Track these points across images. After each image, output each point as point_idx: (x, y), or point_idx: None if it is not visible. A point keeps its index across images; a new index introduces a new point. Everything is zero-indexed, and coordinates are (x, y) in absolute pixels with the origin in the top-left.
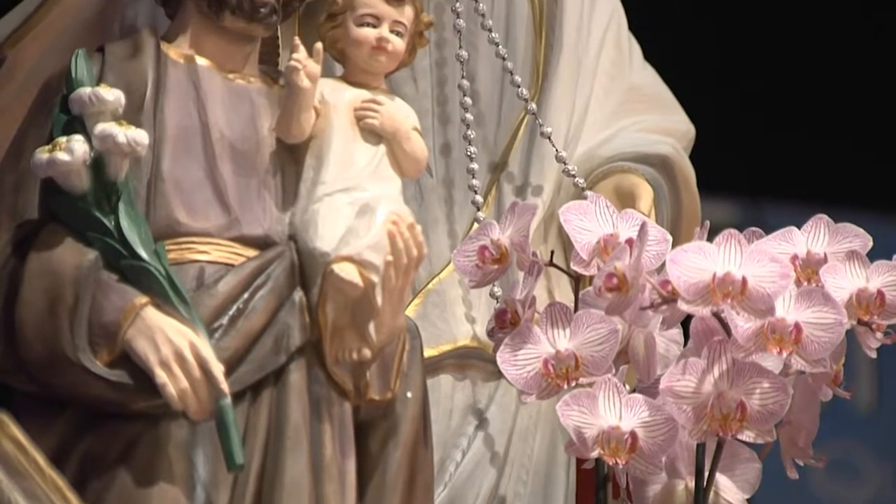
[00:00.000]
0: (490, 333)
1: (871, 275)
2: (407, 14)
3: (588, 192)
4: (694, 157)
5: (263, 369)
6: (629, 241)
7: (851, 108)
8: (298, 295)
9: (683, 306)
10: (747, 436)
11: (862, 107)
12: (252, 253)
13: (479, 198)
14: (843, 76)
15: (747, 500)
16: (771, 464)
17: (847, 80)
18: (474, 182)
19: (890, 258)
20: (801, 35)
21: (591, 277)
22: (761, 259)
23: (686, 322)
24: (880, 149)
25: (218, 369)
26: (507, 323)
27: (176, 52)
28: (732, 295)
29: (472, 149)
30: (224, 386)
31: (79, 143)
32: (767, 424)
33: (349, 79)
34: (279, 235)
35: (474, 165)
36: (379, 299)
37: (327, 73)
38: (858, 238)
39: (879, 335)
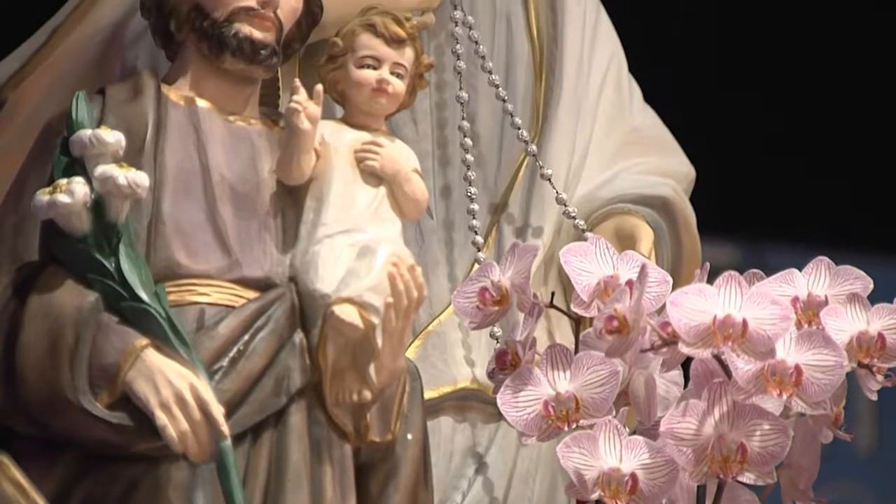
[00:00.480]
0: (490, 375)
1: (871, 318)
2: (407, 56)
3: (588, 234)
4: (694, 199)
5: (264, 411)
6: (629, 283)
7: (853, 149)
8: (299, 337)
9: (684, 348)
10: (748, 478)
11: (864, 149)
12: (252, 295)
13: (479, 239)
14: (844, 118)
15: None
16: None
17: (849, 121)
18: (474, 223)
19: (891, 301)
20: (802, 77)
21: (592, 319)
22: (762, 301)
23: (686, 364)
24: (882, 191)
25: (218, 411)
26: (507, 364)
27: (176, 94)
28: (733, 337)
29: (473, 190)
30: (224, 428)
31: (79, 185)
32: (768, 466)
33: (349, 120)
34: (280, 277)
35: (474, 207)
36: (379, 341)
37: (328, 114)
38: (859, 281)
39: (880, 378)
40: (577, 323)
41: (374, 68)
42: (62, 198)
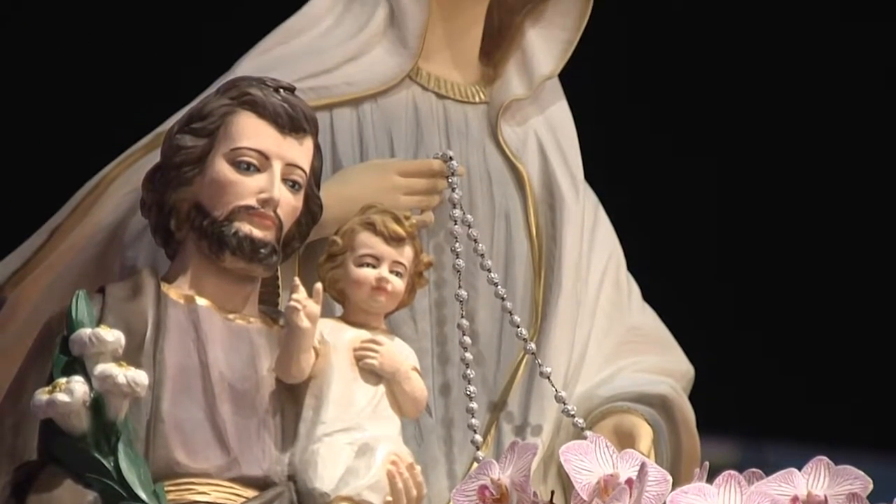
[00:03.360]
0: None
1: None
2: (406, 254)
3: (588, 432)
4: (693, 397)
5: None
6: (629, 482)
7: (852, 348)
8: None
9: None
10: None
11: (862, 348)
12: (251, 493)
13: (478, 437)
14: (845, 319)
15: None
16: None
17: (846, 320)
18: (474, 422)
19: (890, 501)
20: (800, 274)
21: None
22: (761, 501)
23: None
24: (881, 390)
25: None
26: None
27: (176, 292)
28: None
29: (472, 388)
30: None
31: (79, 384)
32: None
33: (349, 319)
34: (278, 476)
35: (474, 405)
36: None
37: (327, 313)
38: (859, 480)
39: None
40: None
41: (374, 267)
42: (61, 397)
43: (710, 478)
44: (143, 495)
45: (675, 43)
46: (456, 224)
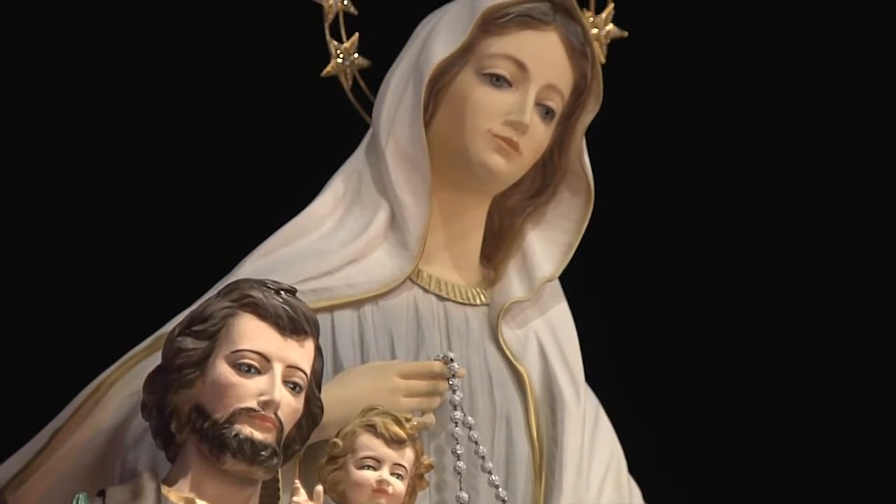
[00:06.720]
0: None
1: None
2: (407, 456)
3: None
4: None
5: None
6: None
7: None
8: None
9: None
10: None
11: None
12: None
13: None
14: None
15: None
16: None
17: None
18: None
19: None
20: (807, 484)
21: None
22: None
23: None
24: None
25: None
26: None
27: (176, 495)
28: None
29: None
30: None
31: None
32: None
33: None
34: None
35: None
36: None
37: None
38: None
39: None
40: None
41: (375, 469)
42: None
43: None
44: None
45: (676, 245)
46: (457, 426)
